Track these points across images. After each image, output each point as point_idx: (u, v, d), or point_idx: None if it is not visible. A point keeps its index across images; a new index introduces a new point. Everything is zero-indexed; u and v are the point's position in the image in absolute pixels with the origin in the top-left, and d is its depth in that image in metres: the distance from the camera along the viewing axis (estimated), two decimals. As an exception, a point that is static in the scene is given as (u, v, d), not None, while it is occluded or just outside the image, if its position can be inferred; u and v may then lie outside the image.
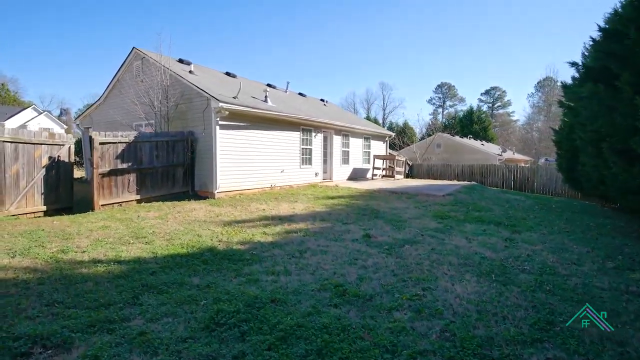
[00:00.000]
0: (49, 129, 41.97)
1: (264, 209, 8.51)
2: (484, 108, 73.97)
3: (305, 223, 7.09)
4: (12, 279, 3.75)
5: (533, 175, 20.99)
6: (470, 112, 47.32)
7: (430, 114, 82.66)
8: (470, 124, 44.22)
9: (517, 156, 31.51)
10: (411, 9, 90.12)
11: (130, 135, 9.04)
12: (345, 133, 16.34)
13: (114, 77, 13.40)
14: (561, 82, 14.09)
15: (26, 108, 42.46)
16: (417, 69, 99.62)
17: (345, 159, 16.53)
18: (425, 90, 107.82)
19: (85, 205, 9.34)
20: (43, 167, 7.96)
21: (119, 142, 8.77)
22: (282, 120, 12.17)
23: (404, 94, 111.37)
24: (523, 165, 34.38)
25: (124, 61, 12.76)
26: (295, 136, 13.07)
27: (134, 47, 12.19)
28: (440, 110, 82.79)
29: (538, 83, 69.21)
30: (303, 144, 13.52)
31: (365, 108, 71.89)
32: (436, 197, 11.14)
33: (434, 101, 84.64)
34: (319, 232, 6.38)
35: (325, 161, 15.15)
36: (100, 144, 8.37)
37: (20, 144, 7.49)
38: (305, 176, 13.70)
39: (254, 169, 11.21)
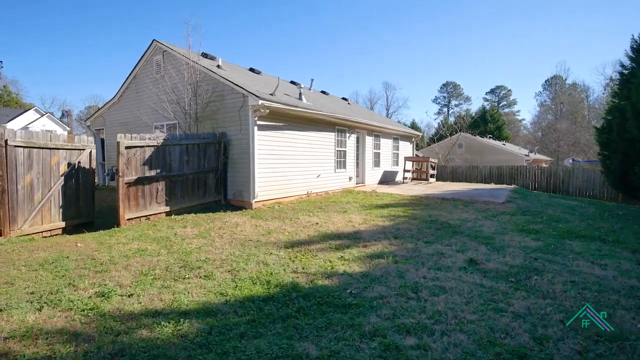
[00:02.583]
0: (53, 131, 40.80)
1: (317, 223, 7.29)
2: (488, 107, 72.89)
3: (380, 243, 5.87)
4: (47, 358, 2.51)
5: (568, 177, 19.80)
6: (483, 111, 46.13)
7: (435, 114, 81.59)
8: (485, 123, 43.02)
9: (538, 156, 30.32)
10: (414, 7, 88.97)
11: (158, 138, 7.81)
12: (377, 134, 15.13)
13: (129, 74, 12.18)
14: (619, 77, 12.91)
15: (28, 110, 41.27)
16: (422, 69, 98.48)
17: (377, 162, 15.32)
18: (430, 89, 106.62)
19: (105, 217, 8.14)
20: (61, 176, 6.74)
21: (146, 146, 7.55)
22: (319, 119, 10.95)
23: (408, 94, 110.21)
24: (545, 165, 33.20)
25: (142, 56, 11.54)
26: (330, 137, 11.85)
27: (154, 40, 10.98)
28: (445, 109, 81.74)
29: (546, 81, 68.15)
30: (338, 146, 12.31)
31: (368, 108, 70.70)
32: (496, 205, 9.93)
33: (439, 100, 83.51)
34: (408, 257, 5.15)
35: (357, 164, 13.92)
36: (127, 148, 7.15)
37: (35, 149, 6.27)
38: (340, 181, 12.48)
39: (291, 175, 9.99)
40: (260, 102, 8.22)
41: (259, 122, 8.65)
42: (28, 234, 6.13)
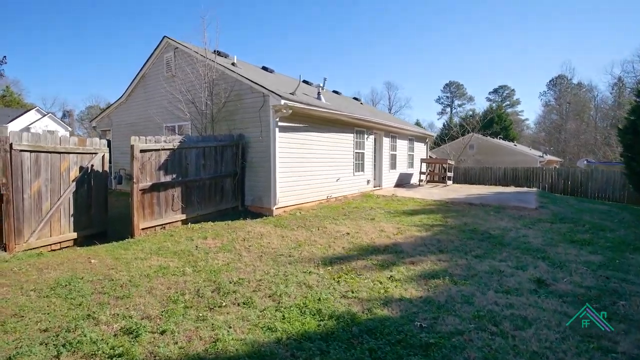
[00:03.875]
0: (55, 131, 40.22)
1: (348, 233, 6.70)
2: (495, 107, 72.32)
3: (427, 258, 5.28)
4: None
5: (586, 179, 19.18)
6: (490, 111, 45.50)
7: (438, 113, 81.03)
8: (491, 124, 42.38)
9: (549, 157, 29.70)
10: (416, 7, 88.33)
11: (174, 140, 7.23)
12: (394, 135, 14.53)
13: (138, 72, 11.60)
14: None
15: (29, 110, 40.71)
16: (424, 68, 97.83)
17: (393, 164, 14.72)
18: (433, 89, 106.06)
19: (116, 225, 7.56)
20: (72, 182, 6.16)
21: (162, 149, 6.97)
22: (339, 120, 10.36)
23: (410, 94, 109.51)
24: (556, 166, 32.57)
25: (152, 54, 10.97)
26: (349, 138, 11.27)
27: (164, 37, 10.40)
28: (448, 109, 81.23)
29: (550, 81, 67.56)
30: (357, 148, 11.72)
31: (372, 108, 70.05)
32: (529, 211, 9.34)
33: (442, 100, 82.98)
34: (465, 276, 4.57)
35: (374, 166, 13.33)
36: (141, 151, 6.57)
37: (43, 154, 5.68)
38: (358, 185, 11.90)
39: (311, 179, 9.41)
40: (283, 102, 7.63)
41: (280, 124, 8.07)
42: (35, 248, 5.55)
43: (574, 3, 76.57)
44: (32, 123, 39.03)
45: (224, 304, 3.63)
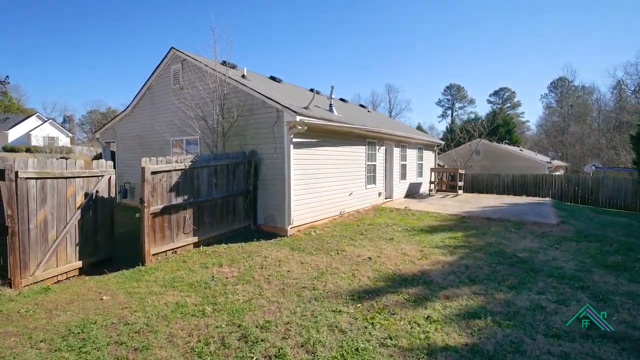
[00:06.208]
0: (55, 137, 39.91)
1: (370, 258, 6.37)
2: (495, 109, 72.22)
3: (460, 290, 4.95)
4: None
5: (597, 186, 18.84)
6: (493, 114, 45.26)
7: (439, 116, 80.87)
8: (496, 128, 42.13)
9: (557, 162, 29.42)
10: (417, 9, 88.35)
11: (186, 160, 6.91)
12: (403, 144, 14.24)
13: (144, 84, 11.31)
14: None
15: (30, 116, 40.46)
16: (424, 71, 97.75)
17: (403, 174, 14.41)
18: (433, 91, 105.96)
19: (124, 247, 7.26)
20: (78, 209, 5.83)
21: (173, 170, 6.65)
22: (351, 133, 10.07)
23: (410, 96, 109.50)
24: (564, 172, 32.28)
25: (158, 65, 10.67)
26: (361, 151, 10.96)
27: (172, 48, 10.10)
28: (449, 112, 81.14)
29: (552, 83, 67.46)
30: (368, 160, 11.41)
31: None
32: (551, 228, 9.02)
33: (442, 103, 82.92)
34: (507, 314, 4.24)
35: (385, 178, 13.02)
36: (153, 173, 6.25)
37: (49, 180, 5.36)
38: (370, 198, 11.58)
39: (325, 195, 9.09)
40: (299, 118, 7.33)
41: (294, 140, 7.76)
42: (42, 280, 5.22)
43: (574, 5, 76.63)
44: (32, 129, 38.78)
45: (254, 357, 3.30)
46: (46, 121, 41.12)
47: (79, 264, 5.86)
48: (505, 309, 4.39)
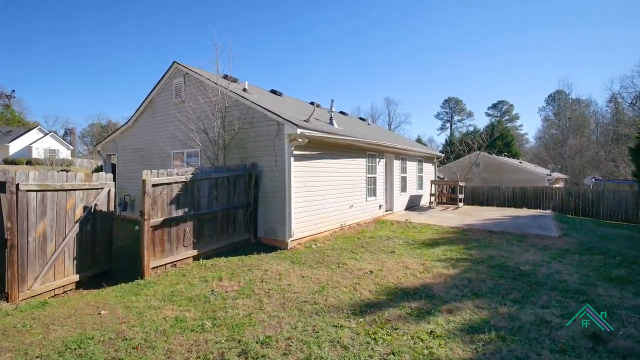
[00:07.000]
0: (56, 150, 40.05)
1: (371, 272, 6.31)
2: (494, 122, 72.77)
3: (463, 304, 4.88)
4: None
5: (598, 199, 18.83)
6: (492, 127, 45.61)
7: (438, 129, 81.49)
8: (494, 141, 42.40)
9: (557, 174, 29.48)
10: (415, 24, 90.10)
11: (187, 173, 6.92)
12: (403, 157, 14.29)
13: (146, 97, 11.42)
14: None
15: (32, 129, 40.69)
16: (423, 84, 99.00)
17: (403, 186, 14.41)
18: (432, 105, 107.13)
19: (122, 260, 7.20)
20: (76, 222, 5.80)
21: (174, 183, 6.65)
22: (353, 145, 10.12)
23: (410, 109, 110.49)
24: (564, 185, 32.32)
25: (160, 79, 10.80)
26: (361, 163, 10.99)
27: (174, 62, 10.25)
28: (448, 125, 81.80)
29: (549, 96, 68.22)
30: (369, 172, 11.43)
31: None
32: (553, 240, 8.97)
33: (441, 116, 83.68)
34: (511, 329, 4.16)
35: (385, 190, 13.02)
36: (153, 186, 6.25)
37: (49, 193, 5.35)
38: (370, 210, 11.55)
39: (325, 208, 9.07)
40: (299, 131, 7.37)
41: (295, 152, 7.79)
42: (39, 294, 5.15)
43: (572, 18, 78.19)
44: (33, 142, 38.97)
45: (254, 374, 3.22)
46: (47, 134, 41.35)
47: (77, 277, 5.80)
48: (509, 324, 4.32)
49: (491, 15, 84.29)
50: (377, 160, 11.99)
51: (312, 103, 15.58)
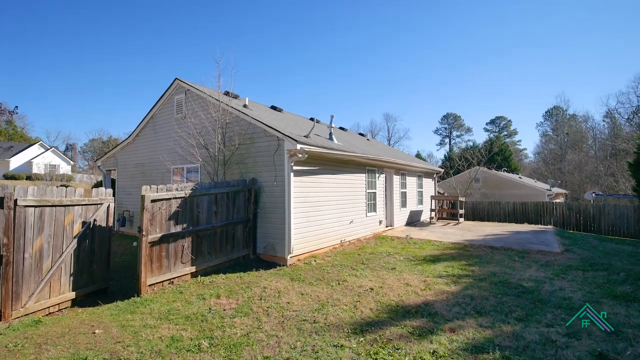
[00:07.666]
0: (57, 165, 40.15)
1: (372, 289, 6.21)
2: (492, 138, 73.25)
3: (466, 323, 4.78)
4: None
5: (599, 214, 18.72)
6: (490, 142, 45.82)
7: (437, 145, 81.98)
8: (492, 155, 42.54)
9: (557, 189, 29.45)
10: (414, 39, 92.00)
11: (186, 189, 6.91)
12: (403, 172, 14.31)
13: (147, 113, 11.52)
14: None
15: (33, 144, 40.92)
16: (422, 100, 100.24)
17: (403, 202, 14.37)
18: (431, 120, 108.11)
19: (120, 277, 7.09)
20: (74, 238, 5.75)
21: (173, 198, 6.62)
22: (352, 161, 10.14)
23: (408, 125, 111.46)
24: (564, 200, 32.27)
25: (162, 95, 10.92)
26: (361, 179, 10.99)
27: (176, 78, 10.39)
28: (447, 140, 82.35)
29: (547, 112, 68.95)
30: (369, 188, 11.41)
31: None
32: (555, 256, 8.87)
33: (440, 132, 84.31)
34: (517, 349, 4.06)
35: (385, 205, 12.97)
36: (152, 201, 6.22)
37: (48, 208, 5.32)
38: (370, 226, 11.47)
39: (325, 224, 9.00)
40: (299, 146, 7.40)
41: (295, 168, 7.79)
42: (33, 312, 5.05)
43: (568, 34, 79.88)
44: (35, 157, 39.11)
45: (251, 397, 3.12)
46: (48, 149, 41.56)
47: (73, 294, 5.70)
48: (514, 343, 4.21)
49: (491, 32, 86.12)
50: (377, 175, 12.00)
51: (311, 119, 15.71)
